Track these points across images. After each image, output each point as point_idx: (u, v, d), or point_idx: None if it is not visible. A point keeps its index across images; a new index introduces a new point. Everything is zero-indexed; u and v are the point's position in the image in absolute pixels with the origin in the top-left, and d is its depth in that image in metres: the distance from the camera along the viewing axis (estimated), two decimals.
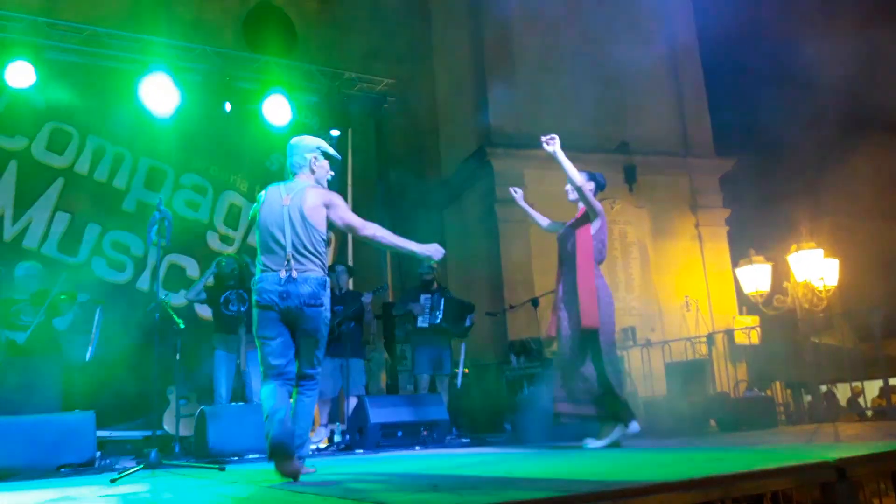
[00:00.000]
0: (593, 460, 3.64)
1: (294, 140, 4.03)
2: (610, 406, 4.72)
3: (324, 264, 3.81)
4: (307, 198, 3.75)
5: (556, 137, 4.81)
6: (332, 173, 4.07)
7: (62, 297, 6.06)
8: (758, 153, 12.46)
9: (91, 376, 6.94)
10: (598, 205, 4.95)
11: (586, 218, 4.98)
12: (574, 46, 11.79)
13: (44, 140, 8.13)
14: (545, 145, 4.83)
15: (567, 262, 4.97)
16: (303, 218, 3.70)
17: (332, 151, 4.03)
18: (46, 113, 8.06)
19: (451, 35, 13.07)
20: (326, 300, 3.72)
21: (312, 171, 3.92)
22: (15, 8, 7.62)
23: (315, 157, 3.93)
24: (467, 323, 7.50)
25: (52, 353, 6.17)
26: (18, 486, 4.22)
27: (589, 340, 4.75)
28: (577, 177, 4.89)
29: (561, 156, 4.83)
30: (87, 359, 6.37)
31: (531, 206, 5.46)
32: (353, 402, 7.00)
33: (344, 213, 3.85)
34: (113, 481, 3.99)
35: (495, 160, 11.11)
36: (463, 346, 7.74)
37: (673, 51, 12.68)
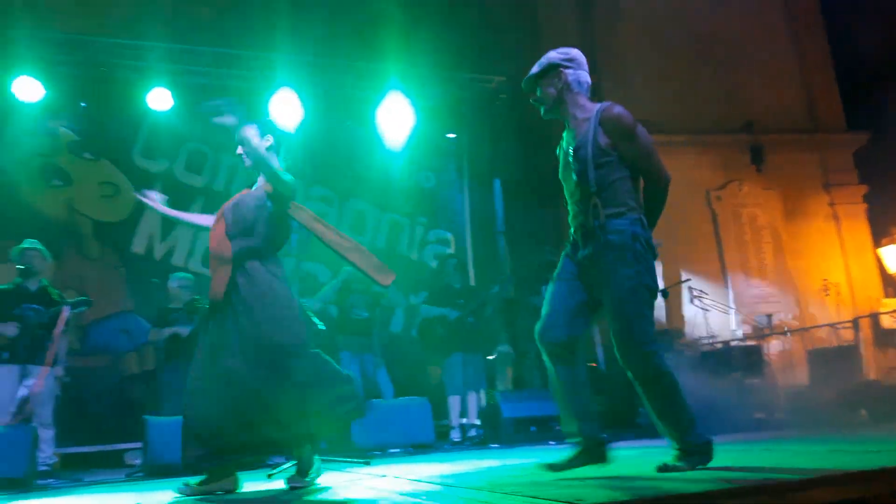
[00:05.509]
0: (744, 453, 3.54)
1: None
2: None
3: None
4: None
5: None
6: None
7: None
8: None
9: None
10: None
11: None
12: (687, 25, 11.41)
13: (183, 161, 8.68)
14: None
15: None
16: None
17: None
18: (184, 134, 8.56)
19: (560, 25, 12.93)
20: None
21: None
22: (152, 38, 8.15)
23: None
24: None
25: None
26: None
27: None
28: None
29: None
30: None
31: None
32: (472, 397, 7.10)
33: None
34: (270, 476, 4.25)
35: None
36: (596, 330, 7.54)
37: (792, 18, 12.02)
